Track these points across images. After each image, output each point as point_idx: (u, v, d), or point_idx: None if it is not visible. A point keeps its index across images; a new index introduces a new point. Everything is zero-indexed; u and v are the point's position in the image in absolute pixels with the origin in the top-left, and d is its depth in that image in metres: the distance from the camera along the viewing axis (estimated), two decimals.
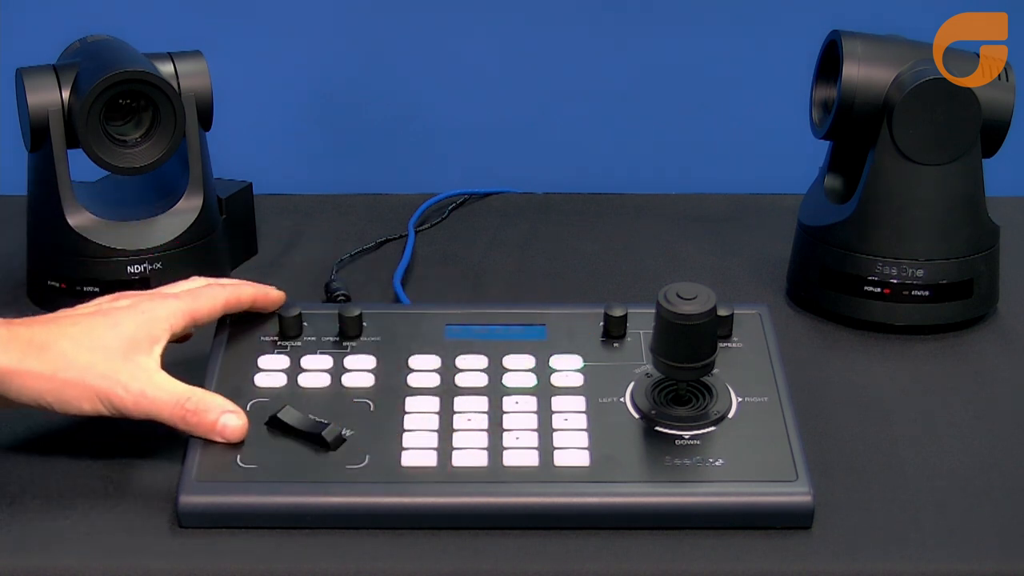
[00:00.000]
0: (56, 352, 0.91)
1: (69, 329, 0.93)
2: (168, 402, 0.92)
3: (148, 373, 0.93)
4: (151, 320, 0.95)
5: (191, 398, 0.93)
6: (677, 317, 0.91)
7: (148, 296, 0.99)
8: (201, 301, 0.99)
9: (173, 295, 0.99)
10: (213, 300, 1.00)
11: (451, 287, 1.26)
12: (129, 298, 0.98)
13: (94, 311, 0.96)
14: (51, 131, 1.15)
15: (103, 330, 0.93)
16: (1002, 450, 0.99)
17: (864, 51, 1.14)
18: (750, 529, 0.89)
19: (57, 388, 0.91)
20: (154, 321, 0.95)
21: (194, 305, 0.98)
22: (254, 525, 0.89)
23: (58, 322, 0.94)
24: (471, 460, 0.92)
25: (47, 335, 0.92)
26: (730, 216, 1.41)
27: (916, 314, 1.15)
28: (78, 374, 0.91)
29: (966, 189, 1.14)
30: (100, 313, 0.95)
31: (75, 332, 0.93)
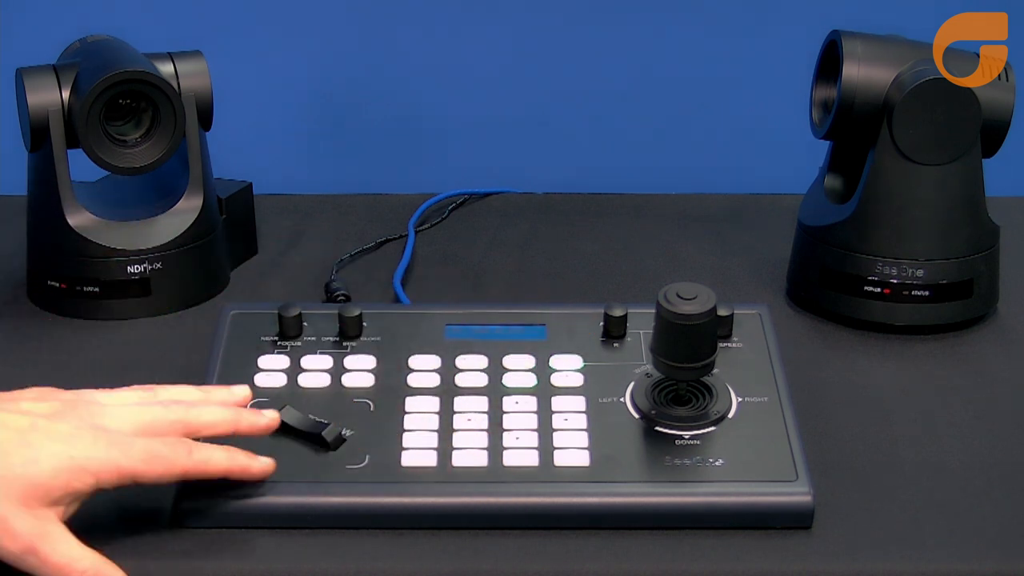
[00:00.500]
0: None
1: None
2: (59, 564, 0.81)
3: (46, 526, 0.81)
4: (76, 469, 0.82)
5: (86, 571, 0.82)
6: (677, 317, 0.91)
7: (91, 432, 0.84)
8: (153, 464, 0.84)
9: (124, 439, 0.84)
10: (169, 466, 0.85)
11: (451, 287, 1.26)
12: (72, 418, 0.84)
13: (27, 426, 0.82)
14: (51, 131, 1.15)
15: (17, 459, 0.81)
16: (1002, 450, 0.99)
17: (864, 51, 1.13)
18: (750, 529, 0.89)
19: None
20: (79, 471, 0.82)
21: (140, 467, 0.84)
22: (254, 525, 0.89)
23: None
24: (471, 460, 0.92)
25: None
26: (730, 216, 1.41)
27: (916, 314, 1.15)
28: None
29: (966, 189, 1.14)
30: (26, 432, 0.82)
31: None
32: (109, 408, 0.87)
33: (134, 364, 1.10)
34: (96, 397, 0.88)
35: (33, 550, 0.81)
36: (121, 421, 0.86)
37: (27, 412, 0.84)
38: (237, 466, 0.88)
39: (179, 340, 1.14)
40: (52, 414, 0.84)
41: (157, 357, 1.11)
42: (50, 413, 0.84)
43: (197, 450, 0.86)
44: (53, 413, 0.84)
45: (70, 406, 0.85)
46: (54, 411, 0.85)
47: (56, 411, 0.85)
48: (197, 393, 0.92)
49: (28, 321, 1.18)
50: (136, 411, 0.87)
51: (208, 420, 0.89)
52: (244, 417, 0.91)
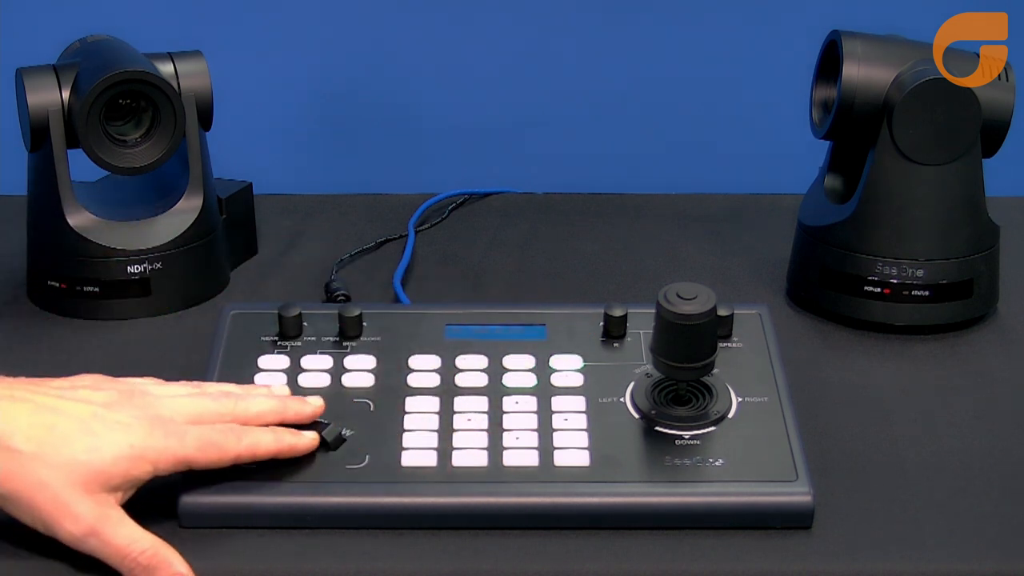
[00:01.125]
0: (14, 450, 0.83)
1: (40, 434, 0.84)
2: (120, 547, 0.84)
3: (104, 510, 0.84)
4: (136, 457, 0.85)
5: (145, 551, 0.84)
6: (677, 317, 0.91)
7: (149, 421, 0.87)
8: (207, 451, 0.88)
9: (179, 428, 0.88)
10: (221, 452, 0.88)
11: (451, 287, 1.26)
12: (129, 408, 0.88)
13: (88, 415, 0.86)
14: (51, 131, 1.15)
15: (80, 447, 0.84)
16: (1002, 450, 0.99)
17: (864, 51, 1.13)
18: (750, 529, 0.89)
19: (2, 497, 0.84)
20: (139, 460, 0.86)
21: (195, 455, 0.87)
22: (254, 525, 0.89)
23: (34, 413, 0.85)
24: (471, 460, 0.92)
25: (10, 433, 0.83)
26: (730, 216, 1.41)
27: (916, 314, 1.15)
28: (27, 489, 0.83)
29: (966, 189, 1.14)
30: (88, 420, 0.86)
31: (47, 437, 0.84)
32: (163, 399, 0.90)
33: (134, 364, 1.10)
34: (148, 388, 0.91)
35: (95, 532, 0.84)
36: (174, 411, 0.89)
37: (87, 400, 0.87)
38: (285, 445, 0.91)
39: (179, 340, 1.14)
40: (111, 403, 0.88)
41: (157, 357, 1.11)
42: (109, 402, 0.88)
43: (246, 435, 0.90)
44: (111, 402, 0.88)
45: (126, 396, 0.89)
46: (112, 400, 0.88)
47: (114, 400, 0.88)
48: (239, 389, 0.94)
49: (28, 321, 1.18)
50: (188, 402, 0.90)
51: (256, 411, 0.92)
52: (290, 406, 0.93)
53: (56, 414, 0.86)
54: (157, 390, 0.91)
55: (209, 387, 0.94)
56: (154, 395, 0.90)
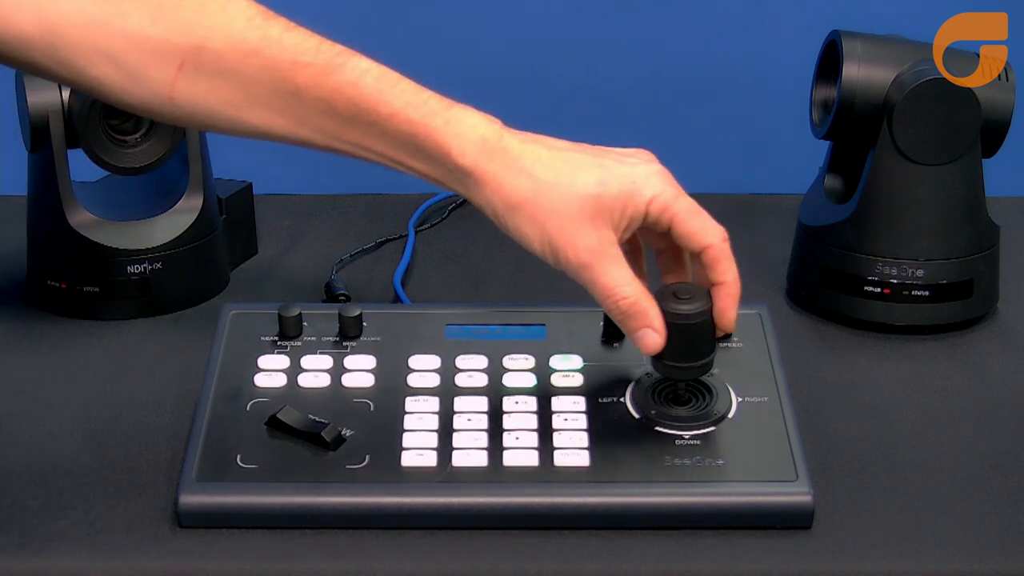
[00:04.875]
0: (531, 180, 0.89)
1: (559, 164, 0.90)
2: (608, 285, 0.90)
3: (603, 246, 0.89)
4: (636, 193, 0.90)
5: (626, 298, 0.90)
6: (674, 317, 0.91)
7: (656, 169, 0.92)
8: (695, 218, 0.92)
9: (680, 189, 0.92)
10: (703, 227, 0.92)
11: (451, 287, 1.26)
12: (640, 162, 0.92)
13: (599, 152, 0.92)
14: (51, 131, 1.15)
15: (591, 179, 0.89)
16: (1002, 450, 0.99)
17: (864, 51, 1.13)
18: (750, 529, 0.89)
19: (518, 219, 0.90)
20: (638, 196, 0.90)
21: (683, 214, 0.91)
22: (254, 525, 0.89)
23: (553, 149, 0.91)
24: (471, 460, 0.92)
25: (533, 161, 0.89)
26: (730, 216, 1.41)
27: (916, 314, 1.15)
28: (541, 214, 0.89)
29: (966, 189, 1.14)
30: (600, 156, 0.91)
31: (564, 168, 0.89)
32: None
33: (134, 364, 1.10)
34: None
35: (589, 266, 0.89)
36: None
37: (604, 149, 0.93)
38: None
39: (179, 340, 1.14)
40: (625, 153, 0.93)
41: (157, 357, 1.12)
42: (624, 152, 0.93)
43: None
44: (626, 153, 0.93)
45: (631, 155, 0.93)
46: (627, 152, 0.93)
47: (629, 153, 0.93)
48: None
49: (28, 321, 1.18)
50: None
51: None
52: None
53: (573, 151, 0.91)
54: None
55: None
56: None
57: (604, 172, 0.90)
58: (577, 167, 0.90)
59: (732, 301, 0.93)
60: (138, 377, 1.08)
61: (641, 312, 0.90)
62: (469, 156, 0.89)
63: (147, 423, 1.01)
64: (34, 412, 1.03)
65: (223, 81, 0.88)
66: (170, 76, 0.87)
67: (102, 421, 1.01)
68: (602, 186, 0.89)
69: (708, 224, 0.92)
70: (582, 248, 0.89)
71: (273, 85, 0.88)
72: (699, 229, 0.92)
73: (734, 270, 0.93)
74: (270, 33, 0.89)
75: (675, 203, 0.91)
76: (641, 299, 0.90)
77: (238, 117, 0.90)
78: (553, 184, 0.89)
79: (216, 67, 0.88)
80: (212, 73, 0.88)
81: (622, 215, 0.90)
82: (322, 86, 0.89)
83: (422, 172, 0.92)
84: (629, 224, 0.91)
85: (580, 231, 0.89)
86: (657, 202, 0.90)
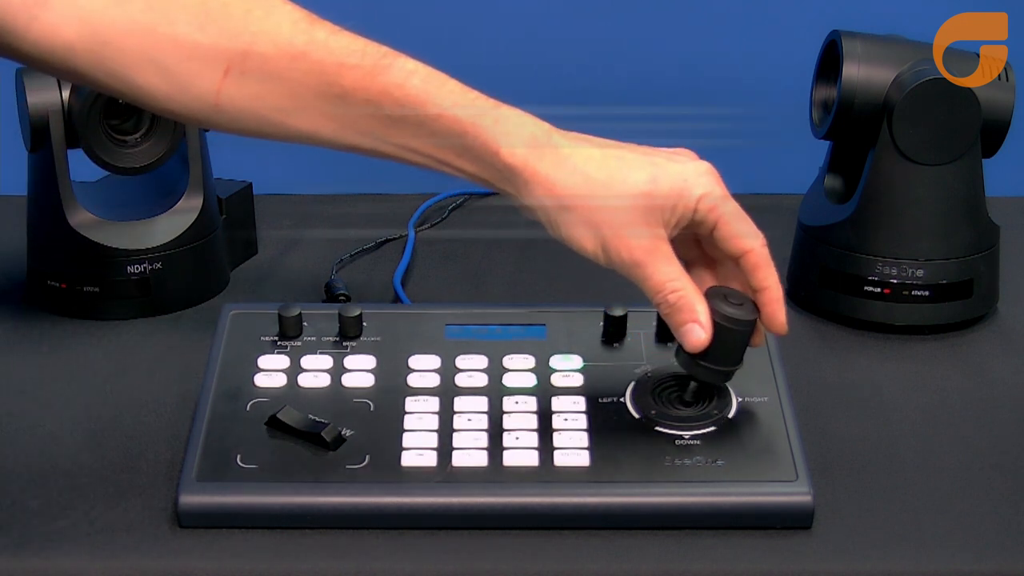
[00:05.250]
0: (584, 179, 0.89)
1: (610, 163, 0.90)
2: (660, 281, 0.90)
3: (655, 243, 0.89)
4: (686, 191, 0.90)
5: (676, 291, 0.90)
6: (723, 318, 0.91)
7: (705, 168, 0.92)
8: (739, 222, 0.92)
9: (728, 193, 0.92)
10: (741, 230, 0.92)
11: (451, 287, 1.26)
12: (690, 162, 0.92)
13: (650, 151, 0.92)
14: (51, 131, 1.15)
15: (643, 176, 0.89)
16: (1002, 450, 0.99)
17: (864, 51, 1.13)
18: (750, 529, 0.89)
19: (570, 219, 0.90)
20: (687, 195, 0.90)
21: (727, 216, 0.91)
22: (254, 525, 0.89)
23: (603, 147, 0.91)
24: (471, 460, 0.92)
25: (584, 160, 0.90)
26: None
27: (916, 314, 1.15)
28: (594, 214, 0.89)
29: (966, 189, 1.14)
30: (652, 155, 0.91)
31: (616, 165, 0.89)
32: None
33: (134, 364, 1.10)
34: None
35: (641, 264, 0.89)
36: None
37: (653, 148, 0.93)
38: None
39: (179, 340, 1.14)
40: (677, 151, 0.93)
41: (157, 357, 1.12)
42: (675, 150, 0.93)
43: None
44: (677, 151, 0.93)
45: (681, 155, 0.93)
46: (677, 151, 0.93)
47: (680, 152, 0.93)
48: None
49: (28, 321, 1.18)
50: None
51: None
52: None
53: (623, 149, 0.91)
54: None
55: None
56: None
57: (656, 170, 0.90)
58: (629, 165, 0.90)
59: (779, 305, 0.93)
60: (138, 377, 1.08)
61: (689, 306, 0.90)
62: (519, 155, 0.89)
63: (147, 423, 1.01)
64: (34, 412, 1.03)
65: (269, 86, 0.87)
66: (216, 83, 0.87)
67: (102, 421, 1.01)
68: (654, 184, 0.89)
69: (751, 228, 0.92)
70: (635, 246, 0.89)
71: (320, 88, 0.88)
72: (743, 232, 0.91)
73: (775, 275, 0.92)
74: (316, 36, 0.89)
75: (723, 204, 0.91)
76: (690, 294, 0.90)
77: (285, 122, 0.89)
78: (605, 183, 0.89)
79: (262, 72, 0.87)
80: (258, 78, 0.87)
81: (672, 212, 0.90)
82: (369, 88, 0.88)
83: (470, 172, 0.91)
84: (679, 222, 0.91)
85: (633, 229, 0.89)
86: (706, 201, 0.90)
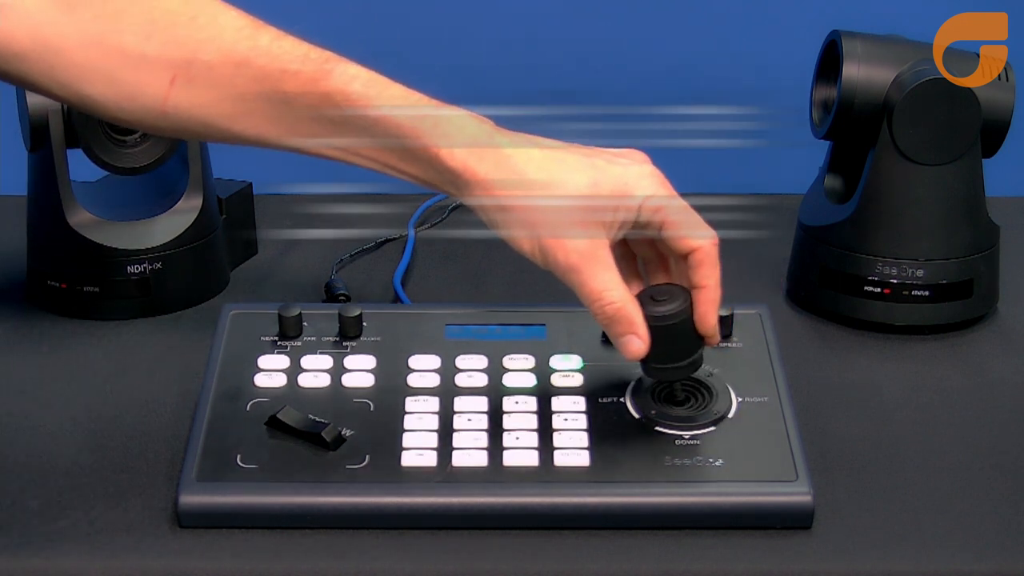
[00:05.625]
0: (522, 181, 0.88)
1: (551, 165, 0.89)
2: (595, 290, 0.89)
3: (593, 248, 0.88)
4: (627, 195, 0.89)
5: (612, 303, 0.89)
6: (652, 319, 0.91)
7: (649, 170, 0.91)
8: (684, 221, 0.91)
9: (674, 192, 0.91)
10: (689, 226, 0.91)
11: (451, 287, 1.26)
12: (642, 162, 0.92)
13: (591, 153, 0.91)
14: (51, 131, 1.15)
15: (583, 179, 0.88)
16: (1002, 450, 0.99)
17: (864, 51, 1.13)
18: (750, 529, 0.89)
19: (509, 220, 0.89)
20: (628, 198, 0.89)
21: (674, 218, 0.90)
22: (254, 525, 0.89)
23: (544, 149, 0.90)
24: (471, 460, 0.92)
25: (524, 161, 0.89)
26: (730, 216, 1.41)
27: (916, 314, 1.15)
28: (532, 215, 0.88)
29: (966, 189, 1.14)
30: (593, 157, 0.90)
31: (556, 168, 0.89)
32: None
33: (134, 364, 1.10)
34: None
35: (578, 269, 0.88)
36: None
37: (595, 150, 0.92)
38: None
39: (179, 340, 1.14)
40: (619, 154, 0.92)
41: (157, 357, 1.12)
42: (617, 152, 0.92)
43: None
44: (620, 154, 0.92)
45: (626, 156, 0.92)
46: (620, 153, 0.92)
47: (622, 154, 0.92)
48: None
49: (28, 321, 1.18)
50: None
51: None
52: None
53: (566, 151, 0.90)
54: None
55: None
56: None
57: (597, 173, 0.89)
58: (570, 168, 0.89)
59: (712, 307, 0.91)
60: (138, 377, 1.08)
61: (627, 318, 0.90)
62: (459, 156, 0.89)
63: (147, 423, 1.01)
64: (34, 412, 1.03)
65: (215, 93, 0.88)
66: (163, 90, 0.87)
67: (102, 421, 1.01)
68: (595, 187, 0.88)
69: (700, 227, 0.91)
70: (572, 250, 0.88)
71: (264, 94, 0.88)
72: (690, 231, 0.91)
73: (717, 275, 0.91)
74: (259, 43, 0.89)
75: (667, 205, 0.90)
76: (627, 305, 0.89)
77: (231, 128, 0.90)
78: (545, 184, 0.89)
79: (207, 79, 0.87)
80: (204, 85, 0.88)
81: (614, 215, 0.89)
82: (311, 93, 0.89)
83: (414, 175, 0.91)
84: (622, 225, 0.90)
85: (571, 232, 0.88)
86: (649, 203, 0.90)
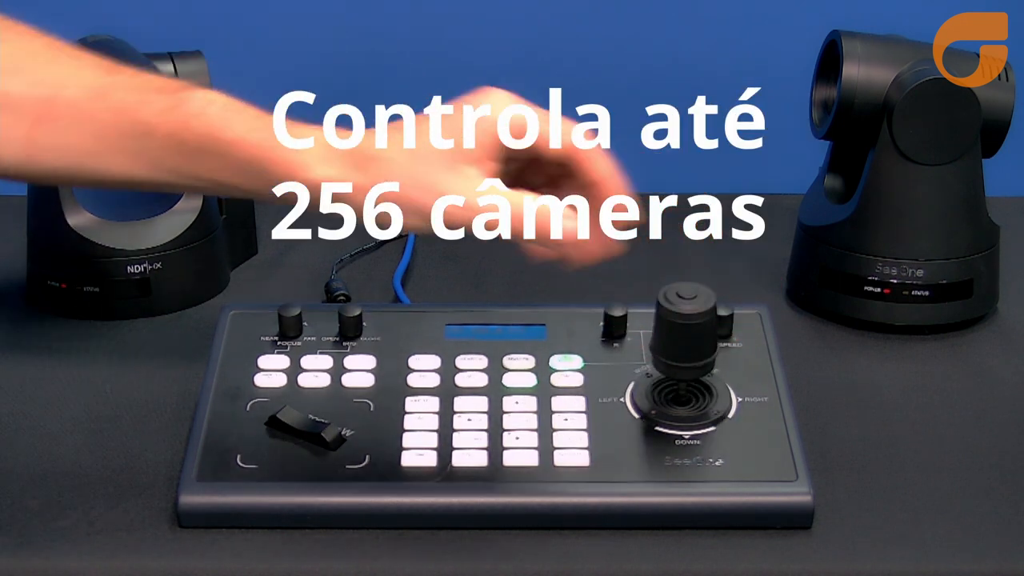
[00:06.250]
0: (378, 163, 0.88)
1: (394, 135, 0.89)
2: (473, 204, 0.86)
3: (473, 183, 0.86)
4: (487, 126, 0.87)
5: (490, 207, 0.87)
6: (677, 317, 0.91)
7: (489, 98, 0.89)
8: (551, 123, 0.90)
9: None
10: None
11: (451, 287, 1.26)
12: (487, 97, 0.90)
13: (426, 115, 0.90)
14: None
15: (432, 137, 0.87)
16: (1002, 450, 0.99)
17: (864, 51, 1.13)
18: (750, 529, 0.89)
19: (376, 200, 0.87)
20: (488, 130, 0.87)
21: None
22: (254, 525, 0.89)
23: (388, 130, 0.90)
24: (471, 460, 0.92)
25: (369, 145, 0.89)
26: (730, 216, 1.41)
27: (916, 314, 1.15)
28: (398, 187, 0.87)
29: (966, 189, 1.14)
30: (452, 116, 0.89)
31: (400, 139, 0.88)
32: None
33: (134, 364, 1.10)
34: None
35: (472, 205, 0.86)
36: None
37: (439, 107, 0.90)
38: None
39: (179, 340, 1.14)
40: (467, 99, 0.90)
41: (157, 357, 1.12)
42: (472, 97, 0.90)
43: None
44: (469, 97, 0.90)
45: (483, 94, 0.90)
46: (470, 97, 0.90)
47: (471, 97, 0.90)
48: None
49: (28, 321, 1.18)
50: None
51: None
52: None
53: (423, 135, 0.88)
54: None
55: None
56: None
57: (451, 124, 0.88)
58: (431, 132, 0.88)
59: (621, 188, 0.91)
60: (138, 377, 1.08)
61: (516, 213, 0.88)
62: (321, 174, 0.89)
63: (147, 423, 1.01)
64: (34, 412, 1.03)
65: (78, 130, 0.88)
66: (26, 132, 0.87)
67: (102, 421, 1.01)
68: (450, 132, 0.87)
69: (570, 125, 0.90)
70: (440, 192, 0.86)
71: (125, 127, 0.88)
72: (562, 128, 0.89)
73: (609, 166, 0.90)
74: (119, 77, 0.90)
75: (521, 108, 0.88)
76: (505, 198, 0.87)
77: (96, 167, 0.89)
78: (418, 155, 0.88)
79: (70, 116, 0.88)
80: (67, 123, 0.88)
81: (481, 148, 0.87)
82: (170, 121, 0.88)
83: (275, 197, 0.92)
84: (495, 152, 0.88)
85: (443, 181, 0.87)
86: (506, 113, 0.88)
